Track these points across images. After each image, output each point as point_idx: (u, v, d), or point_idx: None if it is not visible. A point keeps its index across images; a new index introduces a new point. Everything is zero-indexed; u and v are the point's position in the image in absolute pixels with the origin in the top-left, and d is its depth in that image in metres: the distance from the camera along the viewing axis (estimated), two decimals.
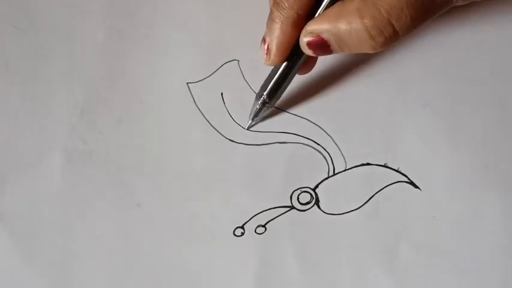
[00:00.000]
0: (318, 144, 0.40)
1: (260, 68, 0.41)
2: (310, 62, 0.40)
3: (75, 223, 0.38)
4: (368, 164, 0.40)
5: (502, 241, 0.39)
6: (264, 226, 0.39)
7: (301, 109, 0.41)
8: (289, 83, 0.39)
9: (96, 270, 0.38)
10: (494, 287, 0.38)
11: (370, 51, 0.35)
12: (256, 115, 0.40)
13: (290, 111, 0.41)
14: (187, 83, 0.41)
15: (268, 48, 0.37)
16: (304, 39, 0.36)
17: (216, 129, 0.41)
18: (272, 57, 0.37)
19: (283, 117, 0.41)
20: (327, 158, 0.40)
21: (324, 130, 0.41)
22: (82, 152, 0.40)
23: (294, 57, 0.38)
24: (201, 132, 0.40)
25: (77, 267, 0.38)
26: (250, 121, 0.40)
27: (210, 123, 0.41)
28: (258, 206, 0.39)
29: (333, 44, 0.36)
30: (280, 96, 0.39)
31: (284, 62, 0.38)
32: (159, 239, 0.38)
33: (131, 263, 0.38)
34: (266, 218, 0.39)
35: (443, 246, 0.39)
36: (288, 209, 0.39)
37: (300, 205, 0.39)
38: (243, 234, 0.39)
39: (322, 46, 0.36)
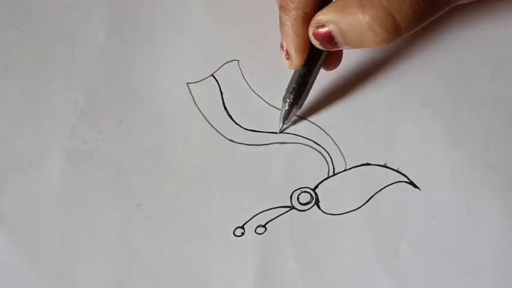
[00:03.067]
0: (318, 144, 0.40)
1: (260, 68, 0.42)
2: (335, 56, 0.39)
3: (75, 223, 0.38)
4: (368, 164, 0.40)
5: (502, 241, 0.39)
6: (264, 226, 0.39)
7: (301, 109, 0.41)
8: (313, 82, 0.39)
9: (96, 270, 0.38)
10: (494, 287, 0.38)
11: (373, 46, 0.34)
12: (285, 118, 0.40)
13: None
14: (187, 83, 0.41)
15: (287, 53, 0.37)
16: (310, 30, 0.36)
17: (216, 130, 0.41)
18: (294, 60, 0.37)
19: None
20: (326, 158, 0.40)
21: (323, 130, 0.41)
22: (82, 152, 0.40)
23: (314, 55, 0.37)
24: (201, 132, 0.40)
25: (77, 267, 0.38)
26: (281, 124, 0.40)
27: (210, 124, 0.41)
28: (258, 206, 0.39)
29: (337, 36, 0.35)
30: (306, 96, 0.39)
31: (306, 62, 0.38)
32: (159, 239, 0.38)
33: (131, 263, 0.38)
34: (266, 218, 0.39)
35: (443, 246, 0.39)
36: (288, 209, 0.39)
37: (300, 205, 0.39)
38: (243, 234, 0.39)
39: (326, 38, 0.35)
